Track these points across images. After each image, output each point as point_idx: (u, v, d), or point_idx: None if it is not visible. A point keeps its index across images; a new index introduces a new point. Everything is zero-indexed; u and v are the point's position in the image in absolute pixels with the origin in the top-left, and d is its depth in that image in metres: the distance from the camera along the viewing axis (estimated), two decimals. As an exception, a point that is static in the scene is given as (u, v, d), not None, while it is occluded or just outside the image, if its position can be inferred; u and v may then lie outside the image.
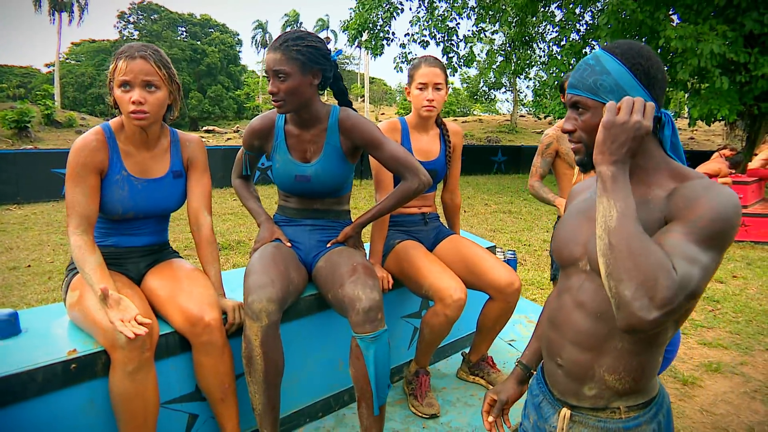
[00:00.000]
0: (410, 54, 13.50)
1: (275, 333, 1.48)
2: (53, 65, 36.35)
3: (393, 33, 13.24)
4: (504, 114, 33.31)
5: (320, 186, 1.76)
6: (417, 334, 2.21)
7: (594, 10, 12.20)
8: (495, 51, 14.25)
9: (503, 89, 26.67)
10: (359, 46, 13.93)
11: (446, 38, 13.22)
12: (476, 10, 13.15)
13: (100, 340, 1.33)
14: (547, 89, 11.19)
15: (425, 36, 13.22)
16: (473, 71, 24.90)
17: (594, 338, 0.92)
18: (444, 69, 2.00)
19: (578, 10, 11.82)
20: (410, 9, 13.84)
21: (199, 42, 39.95)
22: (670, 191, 0.85)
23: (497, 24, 13.69)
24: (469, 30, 13.72)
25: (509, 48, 13.97)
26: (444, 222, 2.32)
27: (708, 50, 7.58)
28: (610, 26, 8.98)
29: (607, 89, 0.89)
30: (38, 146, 14.36)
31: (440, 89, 1.99)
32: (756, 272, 4.73)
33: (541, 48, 14.66)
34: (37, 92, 20.63)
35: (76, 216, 1.45)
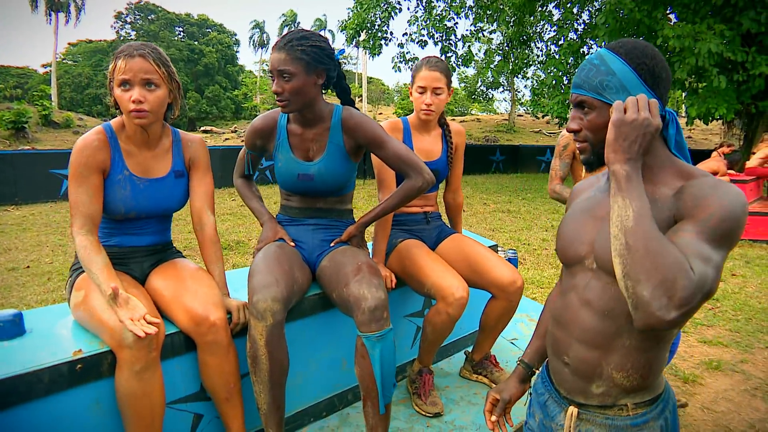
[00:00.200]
0: (408, 54, 13.53)
1: (280, 332, 1.48)
2: (50, 66, 36.24)
3: (391, 33, 13.27)
4: (502, 113, 33.30)
5: (323, 185, 1.76)
6: (420, 333, 2.21)
7: (592, 10, 12.23)
8: (493, 50, 14.26)
9: (501, 89, 26.68)
10: (357, 46, 13.93)
11: (444, 38, 13.24)
12: (474, 10, 13.17)
13: (107, 340, 1.32)
14: (545, 88, 11.20)
15: (423, 35, 13.24)
16: (471, 71, 24.89)
17: (602, 336, 0.92)
18: (446, 72, 1.97)
19: (576, 10, 11.85)
20: (408, 8, 13.87)
21: (197, 42, 39.83)
22: (677, 190, 0.85)
23: (495, 23, 13.72)
24: (468, 29, 13.79)
25: (507, 47, 13.99)
26: (446, 221, 2.32)
27: (705, 49, 7.61)
28: (608, 26, 9.01)
29: (613, 89, 0.89)
30: (36, 147, 14.32)
31: (440, 94, 1.97)
32: (755, 270, 4.74)
33: (539, 47, 14.69)
34: (34, 93, 20.54)
35: (80, 216, 1.44)
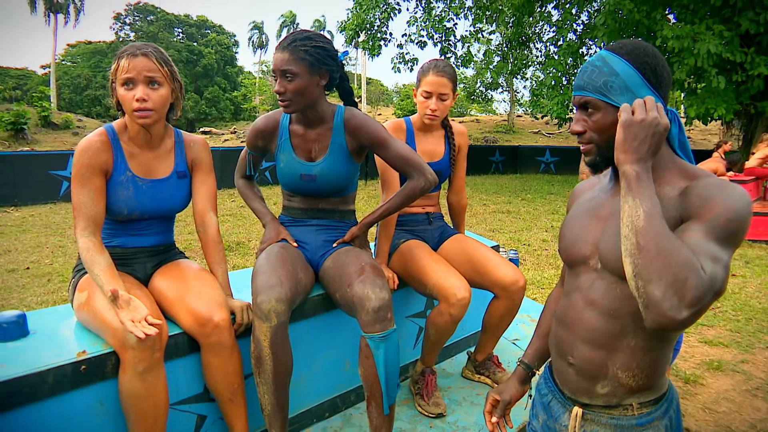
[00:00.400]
0: (408, 54, 13.52)
1: (284, 333, 1.48)
2: (49, 67, 36.21)
3: (390, 33, 13.26)
4: (501, 114, 33.26)
5: (326, 185, 1.76)
6: (422, 334, 2.21)
7: (590, 10, 12.24)
8: (492, 51, 14.27)
9: (500, 89, 26.63)
10: (356, 47, 13.93)
11: (444, 38, 13.24)
12: (473, 11, 13.17)
13: (110, 341, 1.32)
14: (545, 89, 11.21)
15: (423, 36, 13.24)
16: (470, 71, 24.86)
17: (607, 336, 0.92)
18: (453, 78, 1.96)
19: (575, 11, 11.86)
20: (407, 9, 13.88)
21: (196, 43, 39.78)
22: (682, 190, 0.86)
23: (494, 24, 13.74)
24: (467, 30, 13.79)
25: (506, 48, 14.00)
26: (448, 222, 2.32)
27: (705, 50, 7.62)
28: (607, 26, 9.02)
29: (617, 90, 0.89)
30: (35, 148, 14.30)
31: (445, 99, 1.96)
32: (755, 270, 4.75)
33: (538, 48, 14.70)
34: (34, 94, 20.49)
35: (83, 218, 1.44)
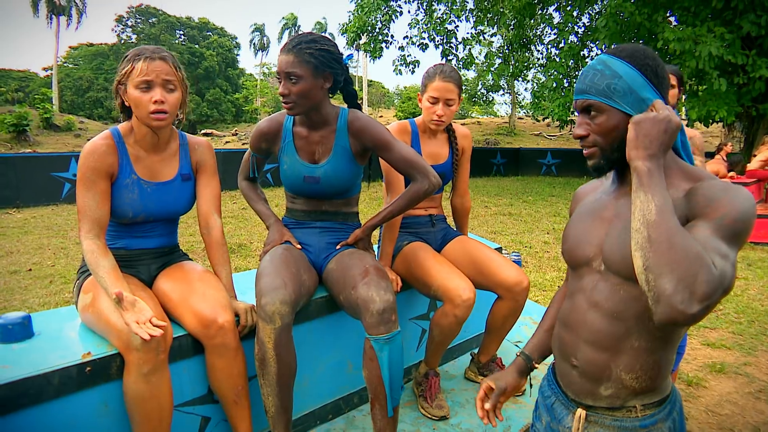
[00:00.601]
0: (409, 57, 13.54)
1: (288, 335, 1.48)
2: (51, 69, 36.27)
3: (392, 36, 13.28)
4: (502, 116, 33.29)
5: (329, 187, 1.76)
6: (425, 336, 2.21)
7: (592, 13, 12.27)
8: (493, 53, 14.30)
9: (501, 92, 26.67)
10: (358, 49, 13.95)
11: (445, 41, 13.26)
12: (475, 13, 13.20)
13: (115, 342, 1.33)
14: (546, 91, 11.22)
15: (424, 39, 13.27)
16: (471, 74, 24.89)
17: (610, 338, 0.93)
18: (459, 83, 1.95)
19: (576, 13, 11.88)
20: (409, 12, 13.92)
21: (197, 45, 39.81)
22: (687, 191, 0.86)
23: (495, 26, 13.75)
24: (468, 32, 13.78)
25: (508, 50, 14.02)
26: (451, 224, 2.32)
27: (706, 52, 7.63)
28: (608, 28, 9.03)
29: (620, 92, 0.90)
30: (37, 150, 14.33)
31: (451, 105, 1.96)
32: (757, 273, 4.74)
33: (540, 50, 14.74)
34: (36, 96, 20.53)
35: (88, 220, 1.45)
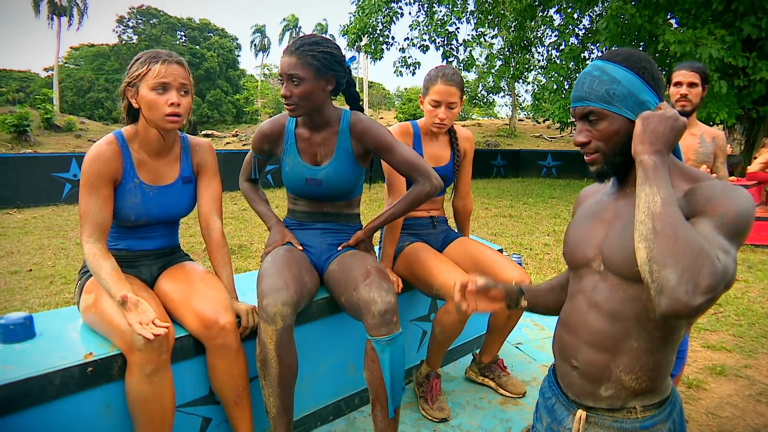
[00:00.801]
0: (410, 58, 13.55)
1: (290, 336, 1.48)
2: (52, 69, 36.29)
3: (392, 37, 13.30)
4: (503, 118, 33.33)
5: (331, 189, 1.76)
6: (426, 338, 2.22)
7: (592, 15, 12.28)
8: (494, 55, 14.31)
9: (502, 93, 26.68)
10: (358, 51, 13.96)
11: (446, 42, 13.27)
12: (475, 15, 13.22)
13: (117, 343, 1.33)
14: (547, 93, 11.23)
15: (425, 40, 13.28)
16: (472, 75, 24.91)
17: (610, 338, 0.93)
18: (461, 85, 1.95)
19: (577, 15, 11.89)
20: (410, 13, 14.03)
21: (198, 46, 39.80)
22: (686, 191, 0.87)
23: (496, 28, 13.77)
24: (469, 34, 13.80)
25: (508, 52, 14.03)
26: (452, 226, 2.32)
27: (706, 54, 7.63)
28: (609, 30, 9.03)
29: (620, 96, 0.91)
30: (38, 150, 14.34)
31: (453, 108, 1.95)
32: (757, 275, 4.73)
33: (540, 52, 14.75)
34: (37, 96, 20.52)
35: (90, 225, 1.46)
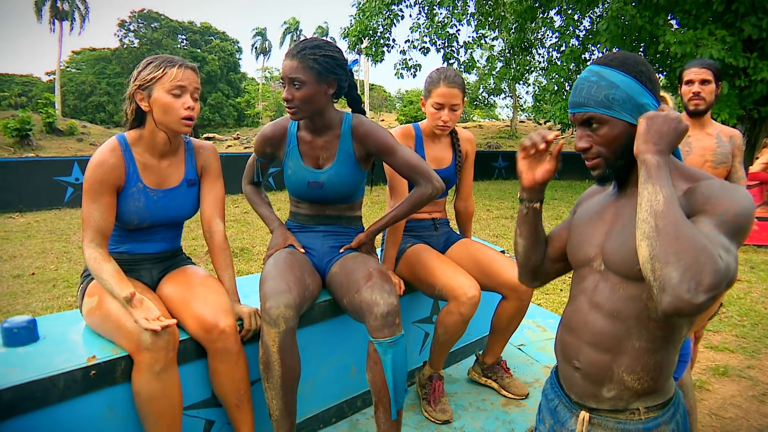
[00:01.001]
0: (410, 60, 13.55)
1: (292, 339, 1.49)
2: (54, 73, 36.40)
3: (393, 40, 13.29)
4: (504, 120, 33.35)
5: (333, 192, 1.77)
6: (428, 339, 2.22)
7: (593, 16, 12.28)
8: (495, 57, 14.31)
9: (503, 95, 26.70)
10: (359, 53, 13.97)
11: (446, 44, 13.27)
12: (476, 17, 13.22)
13: (124, 343, 1.34)
14: (547, 94, 11.22)
15: (425, 42, 13.27)
16: (473, 77, 24.93)
17: (611, 339, 0.93)
18: (462, 86, 1.96)
19: (577, 16, 11.89)
20: (410, 16, 13.96)
21: (199, 50, 39.92)
22: (685, 191, 0.87)
23: (497, 30, 13.77)
24: (470, 36, 13.79)
25: (509, 54, 14.03)
26: (453, 228, 2.33)
27: (707, 55, 7.62)
28: (610, 32, 9.03)
29: (620, 101, 0.91)
30: (40, 154, 14.38)
31: (456, 110, 1.96)
32: (759, 276, 4.73)
33: (541, 54, 14.74)
34: (38, 100, 20.59)
35: (91, 230, 1.46)
